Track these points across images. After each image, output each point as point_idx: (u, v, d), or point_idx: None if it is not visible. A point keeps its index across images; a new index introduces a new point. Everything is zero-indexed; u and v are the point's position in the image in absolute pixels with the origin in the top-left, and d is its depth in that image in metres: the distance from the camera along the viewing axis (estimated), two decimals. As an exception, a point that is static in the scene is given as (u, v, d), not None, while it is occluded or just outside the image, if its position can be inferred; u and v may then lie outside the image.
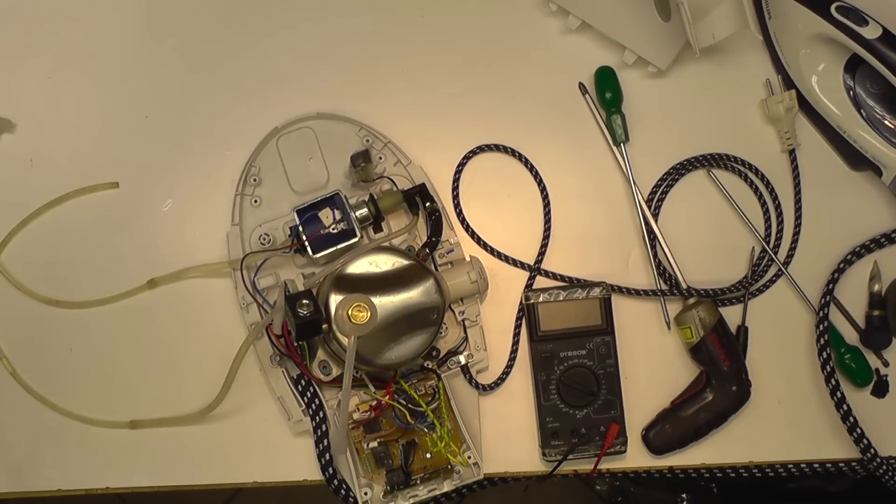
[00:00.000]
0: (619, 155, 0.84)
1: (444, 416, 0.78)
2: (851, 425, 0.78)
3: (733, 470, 0.81)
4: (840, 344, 0.81)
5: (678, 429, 0.80)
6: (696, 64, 0.85)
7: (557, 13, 0.85)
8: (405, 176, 0.82)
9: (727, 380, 0.79)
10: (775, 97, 0.83)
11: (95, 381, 0.82)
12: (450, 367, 0.80)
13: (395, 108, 0.84)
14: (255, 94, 0.85)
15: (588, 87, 0.85)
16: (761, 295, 0.83)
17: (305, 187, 0.81)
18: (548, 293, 0.80)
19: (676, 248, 0.83)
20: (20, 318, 0.82)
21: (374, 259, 0.75)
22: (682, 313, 0.81)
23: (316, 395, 0.78)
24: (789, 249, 0.83)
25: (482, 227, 0.83)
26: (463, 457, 0.78)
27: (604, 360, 0.80)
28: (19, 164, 0.84)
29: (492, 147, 0.84)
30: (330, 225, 0.78)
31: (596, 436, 0.79)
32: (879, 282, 0.82)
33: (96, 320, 0.82)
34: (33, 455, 0.81)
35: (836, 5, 0.77)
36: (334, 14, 0.86)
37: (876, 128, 0.81)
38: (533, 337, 0.80)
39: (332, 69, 0.85)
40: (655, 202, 0.83)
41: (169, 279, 0.82)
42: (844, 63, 0.81)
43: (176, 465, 0.81)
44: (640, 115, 0.84)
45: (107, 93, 0.85)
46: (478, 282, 0.78)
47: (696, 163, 0.84)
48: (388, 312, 0.74)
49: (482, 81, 0.85)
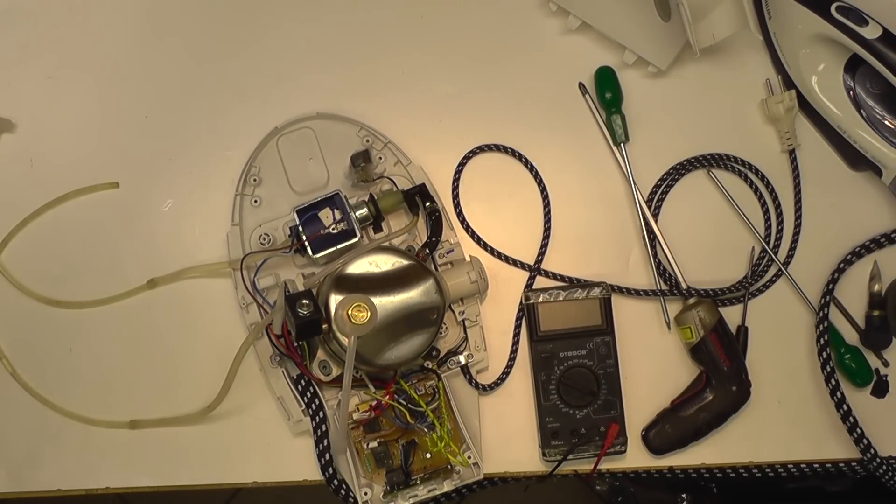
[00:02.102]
0: (619, 155, 0.84)
1: (444, 416, 0.78)
2: (851, 425, 0.78)
3: (733, 470, 0.81)
4: (840, 344, 0.81)
5: (678, 429, 0.80)
6: (696, 64, 0.85)
7: (557, 13, 0.85)
8: (405, 176, 0.82)
9: (727, 380, 0.79)
10: (775, 97, 0.83)
11: (95, 381, 0.82)
12: (450, 367, 0.80)
13: (395, 108, 0.84)
14: (255, 94, 0.85)
15: (588, 87, 0.85)
16: (761, 295, 0.83)
17: (305, 187, 0.81)
18: (548, 293, 0.80)
19: (676, 248, 0.83)
20: (20, 318, 0.82)
21: (374, 259, 0.75)
22: (682, 313, 0.81)
23: (316, 395, 0.78)
24: (789, 249, 0.83)
25: (482, 227, 0.83)
26: (463, 457, 0.78)
27: (604, 360, 0.80)
28: (19, 164, 0.84)
29: (492, 147, 0.84)
30: (330, 225, 0.78)
31: (596, 436, 0.79)
32: (879, 282, 0.82)
33: (96, 320, 0.82)
34: (33, 455, 0.81)
35: (836, 5, 0.77)
36: (334, 14, 0.86)
37: (876, 128, 0.81)
38: (533, 337, 0.80)
39: (332, 69, 0.85)
40: (655, 202, 0.83)
41: (169, 279, 0.82)
42: (844, 63, 0.81)
43: (176, 465, 0.81)
44: (640, 115, 0.84)
45: (107, 93, 0.85)
46: (478, 282, 0.78)
47: (696, 163, 0.84)
48: (388, 312, 0.74)
49: (482, 81, 0.85)
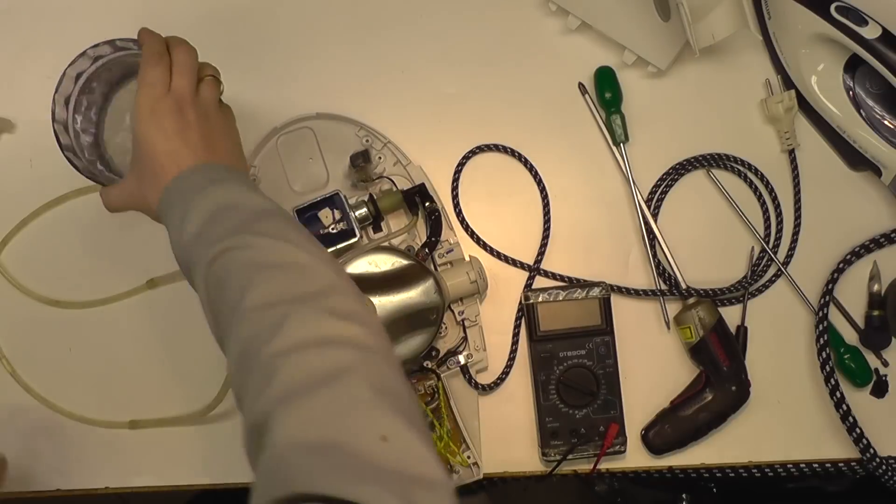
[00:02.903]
0: (619, 155, 0.84)
1: (444, 416, 0.78)
2: (851, 425, 0.78)
3: (733, 470, 0.81)
4: (840, 344, 0.81)
5: (678, 429, 0.80)
6: (695, 64, 0.85)
7: (557, 13, 0.85)
8: (405, 176, 0.82)
9: (727, 380, 0.79)
10: (775, 97, 0.83)
11: (95, 381, 0.82)
12: (449, 367, 0.80)
13: (395, 108, 0.84)
14: (255, 94, 0.85)
15: (588, 87, 0.85)
16: (761, 295, 0.83)
17: (305, 187, 0.81)
18: (547, 293, 0.80)
19: (676, 248, 0.83)
20: (20, 318, 0.82)
21: (373, 259, 0.75)
22: (681, 313, 0.81)
23: (315, 395, 0.78)
24: (789, 249, 0.83)
25: (482, 227, 0.83)
26: (462, 457, 0.78)
27: (603, 360, 0.80)
28: (19, 164, 0.84)
29: (492, 147, 0.84)
30: (329, 225, 0.78)
31: (595, 436, 0.79)
32: (879, 282, 0.82)
33: (96, 320, 0.82)
34: (33, 455, 0.81)
35: (836, 5, 0.77)
36: (334, 14, 0.86)
37: (876, 128, 0.81)
38: (532, 337, 0.80)
39: (332, 69, 0.85)
40: (655, 202, 0.83)
41: (169, 279, 0.82)
42: (844, 63, 0.81)
43: (175, 465, 0.81)
44: (640, 115, 0.84)
45: (107, 93, 0.85)
46: (477, 282, 0.78)
47: (696, 163, 0.84)
48: (387, 312, 0.74)
49: (482, 81, 0.85)
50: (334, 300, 0.51)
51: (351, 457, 0.44)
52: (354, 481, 0.43)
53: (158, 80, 0.63)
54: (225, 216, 0.56)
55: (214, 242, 0.54)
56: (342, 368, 0.47)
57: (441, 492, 0.44)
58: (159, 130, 0.61)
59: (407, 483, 0.44)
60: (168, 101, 0.62)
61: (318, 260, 0.54)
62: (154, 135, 0.61)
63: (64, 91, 0.69)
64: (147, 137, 0.62)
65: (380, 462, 0.44)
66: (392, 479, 0.44)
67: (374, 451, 0.44)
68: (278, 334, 0.48)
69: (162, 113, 0.62)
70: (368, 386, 0.47)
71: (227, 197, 0.58)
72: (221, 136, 0.64)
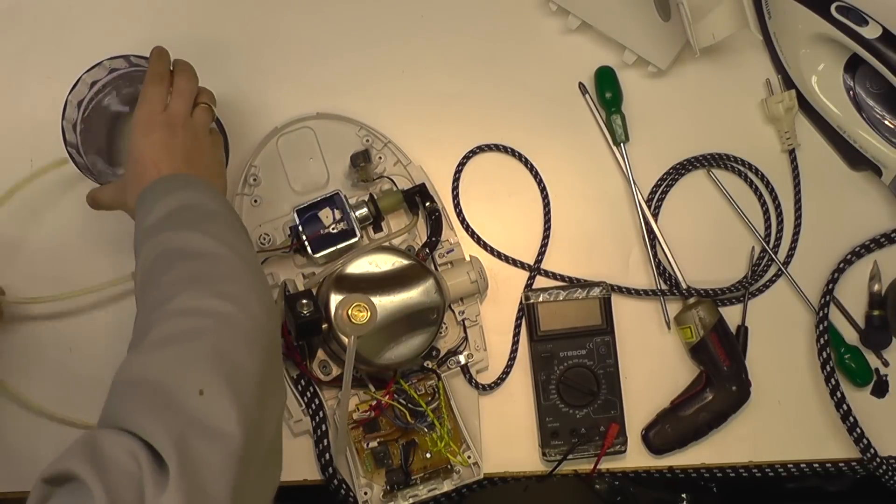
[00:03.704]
0: (619, 155, 0.84)
1: (444, 415, 0.78)
2: (851, 425, 0.78)
3: (733, 470, 0.81)
4: (840, 344, 0.81)
5: (678, 429, 0.80)
6: (696, 64, 0.85)
7: (557, 13, 0.85)
8: (405, 176, 0.82)
9: (727, 380, 0.79)
10: (775, 97, 0.83)
11: (95, 381, 0.81)
12: (450, 367, 0.80)
13: (395, 108, 0.84)
14: (255, 94, 0.85)
15: (588, 87, 0.85)
16: (761, 295, 0.83)
17: (305, 187, 0.81)
18: (548, 293, 0.80)
19: (676, 247, 0.83)
20: (20, 318, 0.82)
21: (373, 259, 0.75)
22: (682, 313, 0.81)
23: (316, 395, 0.78)
24: (789, 249, 0.83)
25: (482, 227, 0.83)
26: (462, 456, 0.78)
27: (603, 359, 0.80)
28: (19, 164, 0.84)
29: (492, 147, 0.84)
30: (330, 225, 0.78)
31: (596, 436, 0.79)
32: (879, 282, 0.82)
33: (96, 320, 0.82)
34: (33, 455, 0.81)
35: (836, 5, 0.77)
36: (334, 14, 0.86)
37: (876, 128, 0.81)
38: (533, 337, 0.80)
39: (333, 69, 0.85)
40: (655, 202, 0.83)
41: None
42: (844, 63, 0.81)
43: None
44: (640, 115, 0.84)
45: (107, 93, 0.85)
46: (478, 282, 0.78)
47: (696, 163, 0.84)
48: (388, 312, 0.74)
49: (482, 81, 0.85)
50: (226, 285, 0.59)
51: (162, 396, 0.51)
52: (147, 414, 0.50)
53: (156, 99, 0.70)
54: (182, 214, 0.63)
55: (162, 231, 0.62)
56: (198, 333, 0.55)
57: (219, 445, 0.50)
58: (149, 141, 0.68)
59: (192, 430, 0.50)
60: (162, 117, 0.69)
61: (236, 255, 0.61)
62: (144, 144, 0.68)
63: (78, 94, 0.76)
64: (138, 145, 0.68)
65: (183, 408, 0.51)
66: (180, 423, 0.50)
67: (186, 399, 0.51)
68: (171, 301, 0.57)
69: (154, 127, 0.68)
70: (212, 350, 0.54)
71: (190, 199, 0.65)
72: (204, 155, 0.70)
